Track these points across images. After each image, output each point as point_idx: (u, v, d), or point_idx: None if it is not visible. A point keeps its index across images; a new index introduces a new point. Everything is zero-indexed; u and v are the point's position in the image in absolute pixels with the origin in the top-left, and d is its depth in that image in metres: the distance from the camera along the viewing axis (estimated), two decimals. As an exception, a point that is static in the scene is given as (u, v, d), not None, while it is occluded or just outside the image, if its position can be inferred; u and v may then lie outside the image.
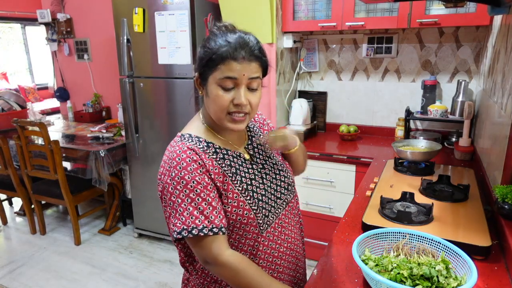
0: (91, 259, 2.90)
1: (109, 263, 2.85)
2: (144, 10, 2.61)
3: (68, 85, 4.09)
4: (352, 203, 1.59)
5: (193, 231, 0.88)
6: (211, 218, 0.90)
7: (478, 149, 2.11)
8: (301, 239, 1.20)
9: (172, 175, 0.92)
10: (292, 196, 1.15)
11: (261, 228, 1.01)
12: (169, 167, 0.93)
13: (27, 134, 2.94)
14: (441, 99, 2.58)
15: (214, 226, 0.90)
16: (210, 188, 0.92)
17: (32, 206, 3.29)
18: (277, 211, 1.06)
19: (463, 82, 2.38)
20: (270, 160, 1.11)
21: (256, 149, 1.10)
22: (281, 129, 1.13)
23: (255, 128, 1.16)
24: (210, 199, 0.91)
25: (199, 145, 0.97)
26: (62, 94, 4.10)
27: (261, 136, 1.13)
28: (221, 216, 0.92)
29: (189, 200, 0.90)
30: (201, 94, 1.00)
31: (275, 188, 1.07)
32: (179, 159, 0.92)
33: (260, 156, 1.09)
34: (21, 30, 7.11)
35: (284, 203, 1.10)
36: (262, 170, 1.07)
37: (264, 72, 0.98)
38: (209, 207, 0.90)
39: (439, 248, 1.03)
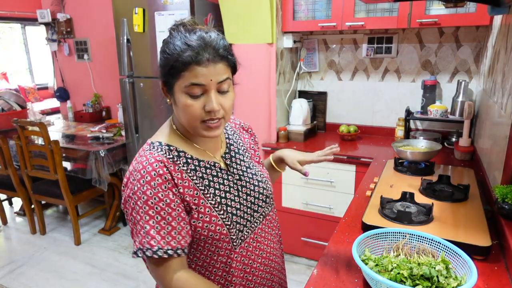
0: (91, 259, 2.90)
1: (109, 263, 2.85)
2: (144, 10, 2.61)
3: (68, 85, 4.09)
4: (352, 203, 1.59)
5: (147, 253, 0.83)
6: (168, 239, 0.84)
7: (478, 149, 2.11)
8: (279, 253, 1.14)
9: (134, 188, 0.85)
10: (270, 208, 1.08)
11: (234, 244, 0.95)
12: (132, 180, 0.86)
13: (27, 134, 2.94)
14: (441, 99, 2.58)
15: (169, 248, 0.83)
16: (174, 206, 0.85)
17: (32, 206, 3.29)
18: (253, 225, 1.00)
19: (463, 82, 2.38)
20: (249, 170, 1.04)
21: (234, 158, 1.03)
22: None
23: (234, 135, 1.10)
24: (170, 218, 0.84)
25: (169, 155, 0.90)
26: (62, 94, 4.10)
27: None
28: (180, 237, 0.85)
29: (147, 217, 0.83)
30: (170, 103, 0.93)
31: (252, 200, 1.01)
32: (144, 171, 0.85)
33: (238, 166, 1.02)
34: (21, 30, 7.11)
35: (261, 216, 1.04)
36: (238, 182, 0.99)
37: (233, 70, 0.91)
38: (167, 227, 0.84)
39: (439, 248, 1.03)
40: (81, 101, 3.96)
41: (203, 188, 0.92)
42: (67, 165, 3.25)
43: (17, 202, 3.92)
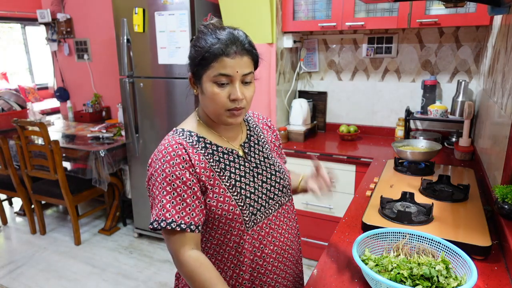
0: (91, 259, 2.90)
1: (109, 263, 2.85)
2: (144, 10, 2.61)
3: (68, 85, 4.09)
4: (352, 203, 1.59)
5: (162, 224, 0.90)
6: (182, 214, 0.91)
7: (478, 149, 2.11)
8: (296, 247, 1.16)
9: (156, 166, 0.94)
10: (287, 199, 1.12)
11: (247, 225, 1.00)
12: (155, 159, 0.96)
13: (27, 134, 2.94)
14: (441, 99, 2.58)
15: (182, 222, 0.90)
16: (190, 184, 0.93)
17: (32, 206, 3.29)
18: (267, 211, 1.05)
19: (463, 82, 2.38)
20: (267, 161, 1.09)
21: (252, 148, 1.09)
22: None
23: (256, 128, 1.15)
24: (185, 195, 0.92)
25: (189, 139, 0.98)
26: (62, 94, 4.10)
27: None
28: (193, 214, 0.92)
29: (165, 192, 0.91)
30: (196, 93, 1.01)
31: (268, 188, 1.06)
32: (165, 152, 0.94)
33: (256, 155, 1.08)
34: (21, 30, 7.10)
35: (277, 204, 1.08)
36: (255, 169, 1.05)
37: (255, 64, 1.00)
38: (182, 203, 0.91)
39: (439, 248, 1.03)
40: (81, 101, 3.96)
41: (218, 170, 0.98)
42: (67, 165, 3.25)
43: (17, 202, 3.92)
